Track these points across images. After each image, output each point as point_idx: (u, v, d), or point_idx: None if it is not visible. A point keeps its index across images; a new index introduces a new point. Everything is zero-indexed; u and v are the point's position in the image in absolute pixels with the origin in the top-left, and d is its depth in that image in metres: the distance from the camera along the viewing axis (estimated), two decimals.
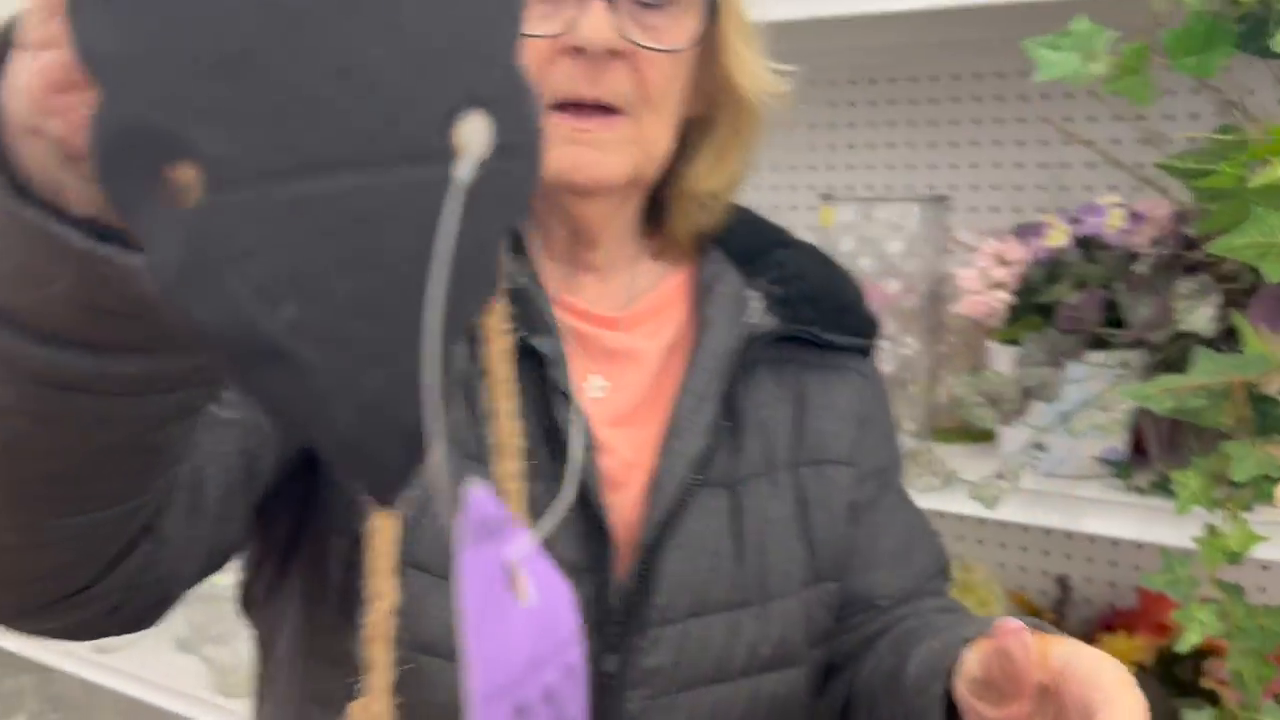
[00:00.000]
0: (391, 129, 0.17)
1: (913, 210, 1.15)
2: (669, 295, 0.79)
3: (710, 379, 0.74)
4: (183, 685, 1.80)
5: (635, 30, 0.67)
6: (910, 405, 1.17)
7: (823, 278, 0.80)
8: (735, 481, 0.74)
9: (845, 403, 0.79)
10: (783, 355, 0.77)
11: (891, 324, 1.17)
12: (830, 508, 0.77)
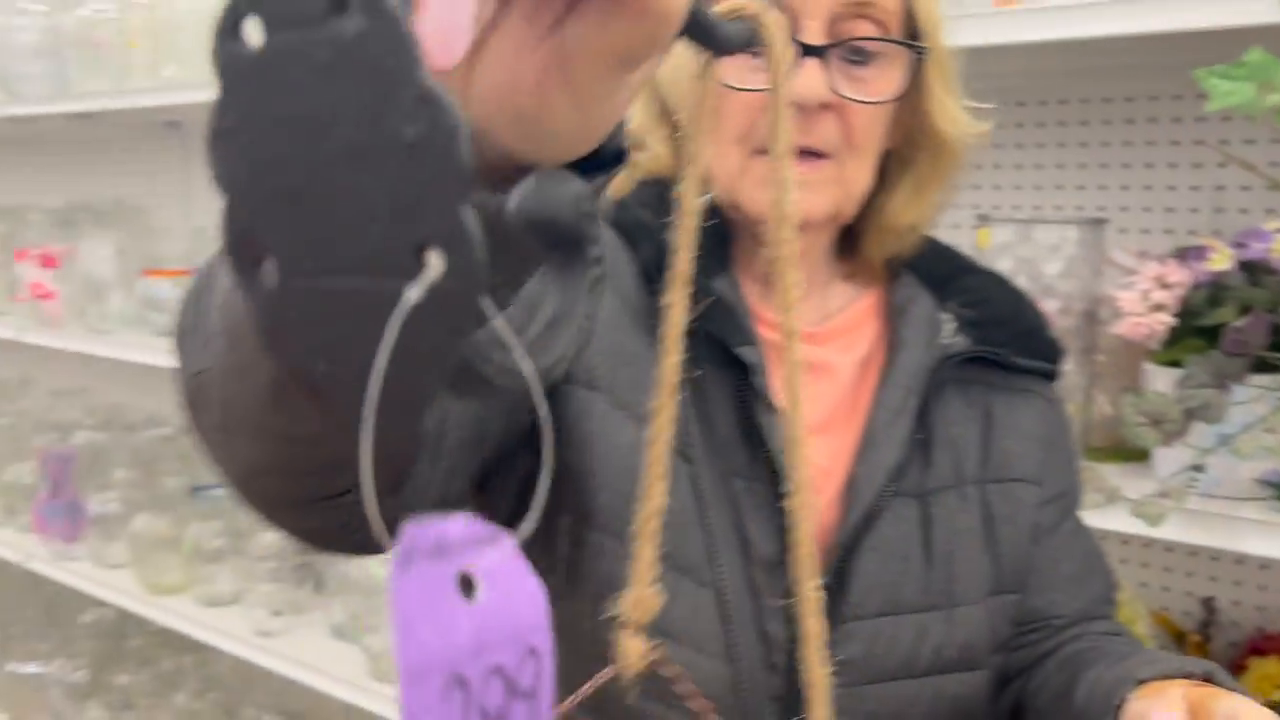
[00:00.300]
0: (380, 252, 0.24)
1: (1071, 232, 1.18)
2: (861, 314, 0.84)
3: (905, 395, 0.79)
4: (338, 671, 1.91)
5: (844, 84, 0.72)
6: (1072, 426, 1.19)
7: (1009, 303, 0.85)
8: (925, 493, 0.78)
9: (1030, 424, 0.83)
10: (970, 376, 0.81)
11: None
12: (1016, 523, 0.80)
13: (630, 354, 0.75)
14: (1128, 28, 1.09)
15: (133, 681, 2.56)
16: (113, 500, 2.39)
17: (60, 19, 2.32)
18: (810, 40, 0.71)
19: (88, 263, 2.35)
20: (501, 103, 0.32)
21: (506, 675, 0.27)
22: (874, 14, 0.73)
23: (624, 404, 0.74)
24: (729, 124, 0.73)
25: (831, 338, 0.82)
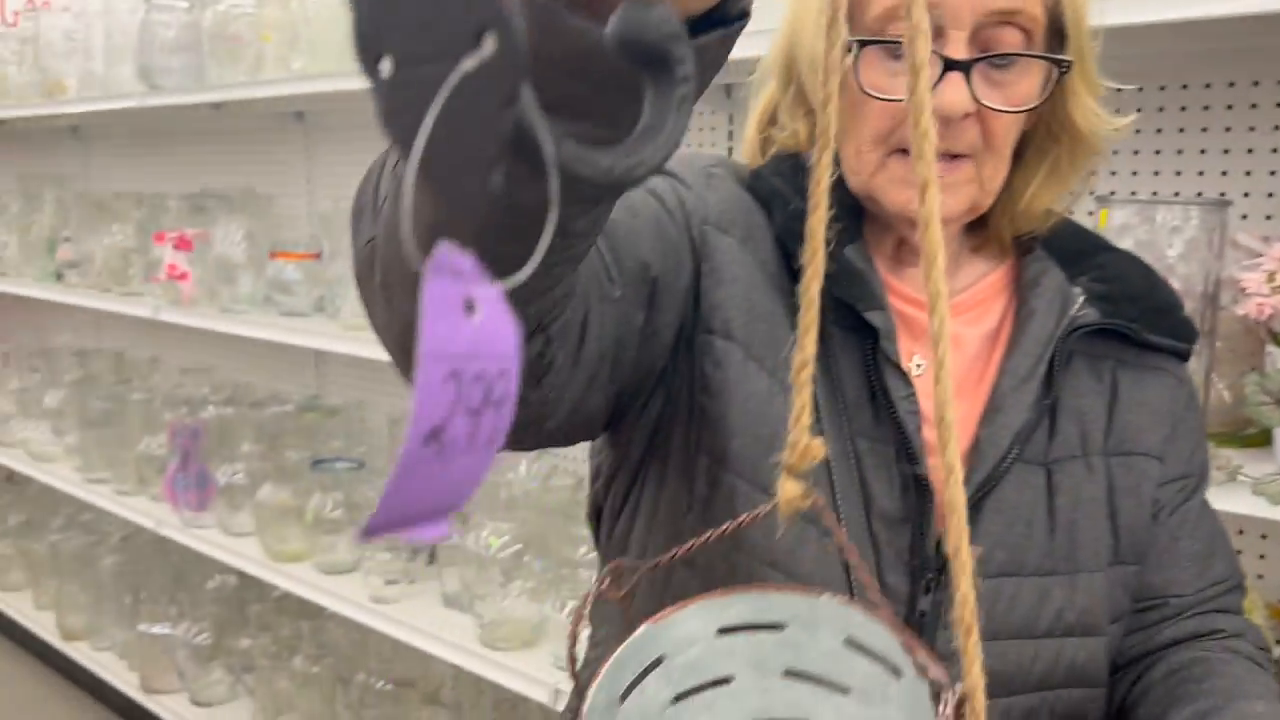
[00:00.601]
0: (452, 39, 0.29)
1: (1193, 213, 1.17)
2: (989, 288, 0.86)
3: (1033, 362, 0.81)
4: (450, 637, 1.99)
5: (986, 92, 0.74)
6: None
7: (1143, 281, 0.86)
8: (1050, 461, 0.80)
9: (1157, 400, 0.84)
10: (1100, 350, 0.83)
11: None
12: (1138, 496, 0.82)
13: (765, 312, 0.79)
14: (1251, 7, 1.09)
15: (253, 645, 2.69)
16: (239, 472, 2.52)
17: (200, 14, 2.45)
18: (954, 54, 0.73)
19: (220, 246, 2.48)
20: None
21: (486, 382, 0.32)
22: (1020, 21, 0.73)
23: (757, 357, 0.78)
24: (868, 126, 0.76)
25: (960, 311, 0.84)
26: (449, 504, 0.33)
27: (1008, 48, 0.74)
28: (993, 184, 0.78)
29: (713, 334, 0.78)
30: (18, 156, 4.12)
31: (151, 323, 3.15)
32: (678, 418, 0.80)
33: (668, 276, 0.75)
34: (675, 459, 0.80)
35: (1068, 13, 0.75)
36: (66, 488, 3.03)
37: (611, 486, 0.87)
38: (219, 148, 3.19)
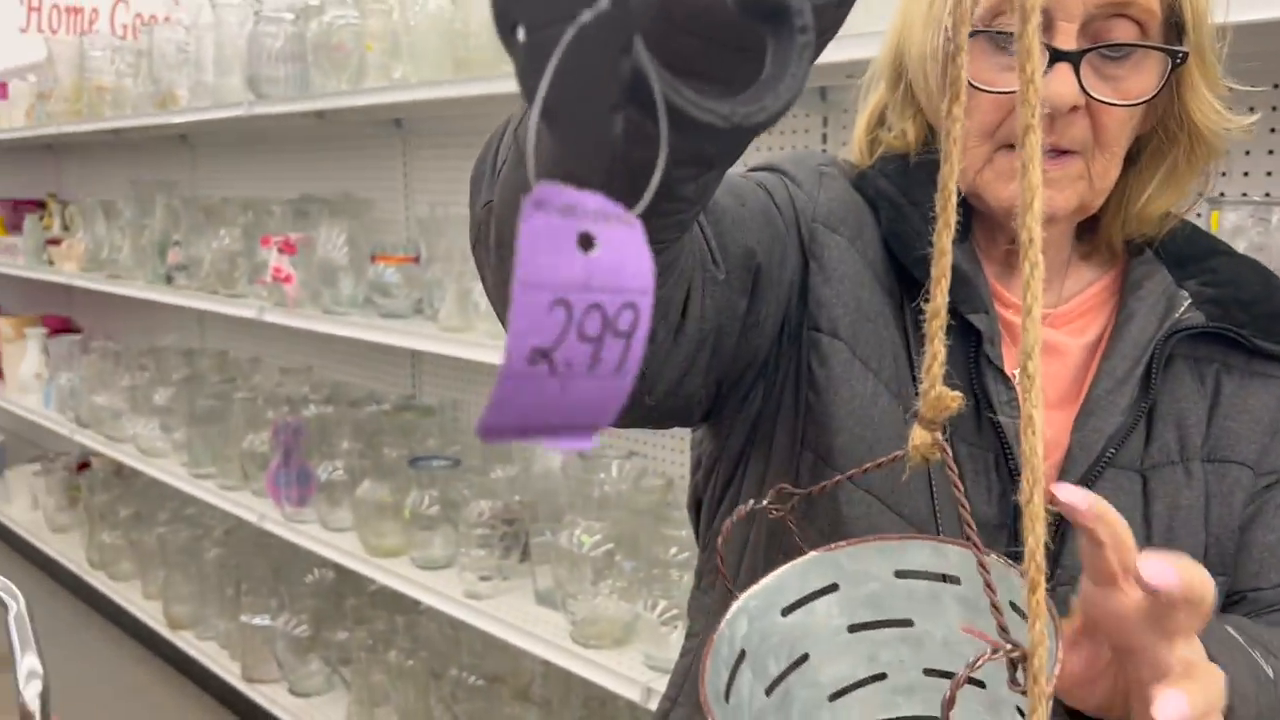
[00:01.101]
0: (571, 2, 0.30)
1: None
2: (1097, 296, 0.84)
3: (1130, 366, 0.79)
4: (541, 633, 2.03)
5: (1097, 84, 0.73)
6: None
7: (1260, 286, 0.82)
8: (1146, 468, 0.78)
9: (1261, 408, 0.81)
10: (1205, 354, 0.81)
11: None
12: (1231, 505, 0.79)
13: (873, 311, 0.79)
14: None
15: (350, 638, 2.77)
16: (338, 469, 2.59)
17: (305, 25, 2.53)
18: (1063, 45, 0.72)
19: (323, 250, 2.56)
20: None
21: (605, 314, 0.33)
22: (1133, 13, 0.72)
23: (863, 357, 0.78)
24: (974, 119, 0.75)
25: (1065, 321, 0.83)
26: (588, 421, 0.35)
27: (1120, 38, 0.73)
28: (1103, 182, 0.77)
29: (820, 331, 0.79)
30: (129, 163, 4.30)
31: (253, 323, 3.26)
32: (782, 411, 0.81)
33: (772, 267, 0.76)
34: (778, 453, 0.81)
35: (1186, 5, 0.74)
36: (174, 482, 3.15)
37: (712, 477, 0.88)
38: (320, 154, 3.29)
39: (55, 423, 3.87)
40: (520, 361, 0.33)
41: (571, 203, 0.32)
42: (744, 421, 0.83)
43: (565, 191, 0.32)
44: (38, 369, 4.12)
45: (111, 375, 3.66)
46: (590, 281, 0.33)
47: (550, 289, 0.32)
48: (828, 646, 0.57)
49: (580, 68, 0.31)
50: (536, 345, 0.32)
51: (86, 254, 3.70)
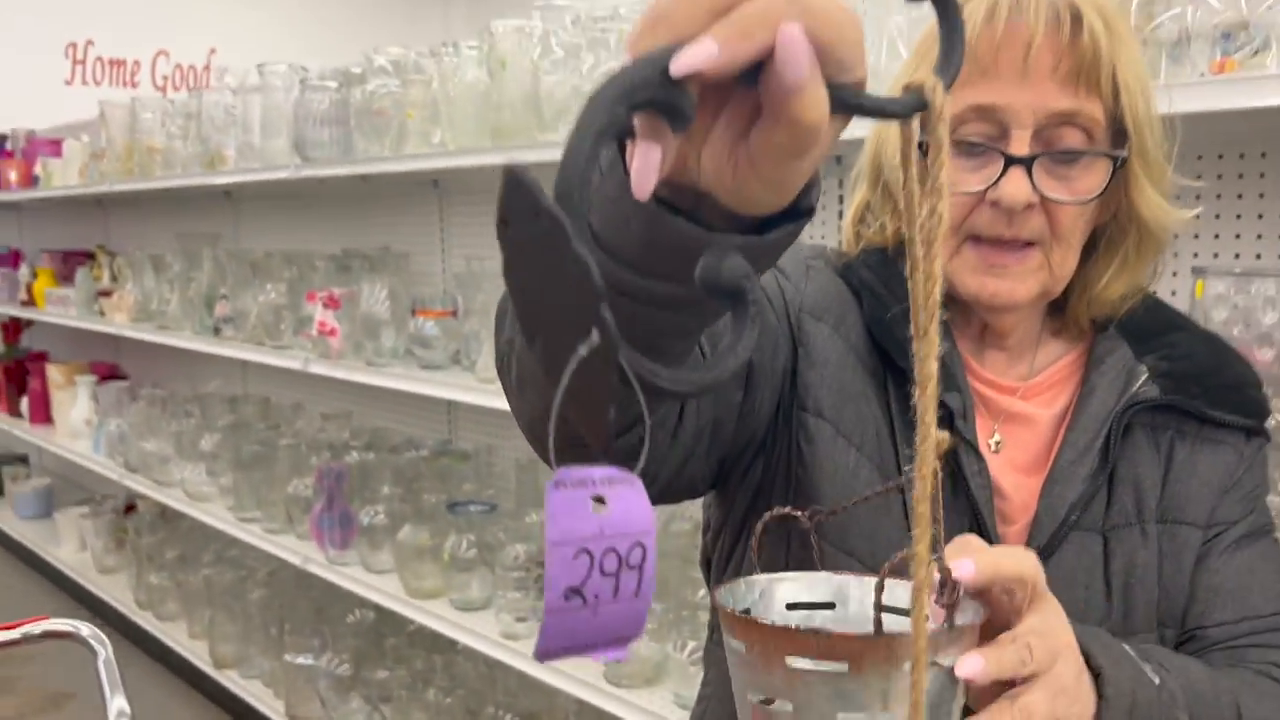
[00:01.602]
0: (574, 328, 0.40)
1: None
2: (1065, 369, 0.93)
3: (1091, 437, 0.87)
4: (575, 672, 2.12)
5: (1049, 185, 0.82)
6: None
7: (1212, 360, 0.91)
8: (1107, 529, 0.86)
9: (1209, 472, 0.88)
10: (1161, 422, 0.89)
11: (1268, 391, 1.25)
12: (1181, 563, 0.87)
13: (855, 392, 0.88)
14: None
15: (390, 677, 2.87)
16: (379, 513, 2.71)
17: (349, 92, 2.68)
18: (1016, 151, 0.81)
19: (366, 304, 2.69)
20: (719, 184, 0.48)
21: (619, 554, 0.42)
22: (1080, 121, 0.81)
23: (846, 434, 0.88)
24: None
25: (1036, 393, 0.92)
26: (619, 636, 0.46)
27: (1069, 144, 0.82)
28: (1063, 270, 0.85)
29: (806, 411, 0.88)
30: (175, 216, 4.48)
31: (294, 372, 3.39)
32: (776, 483, 0.90)
33: (764, 360, 0.86)
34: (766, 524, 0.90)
35: (1128, 113, 0.82)
36: (221, 525, 3.28)
37: (719, 540, 0.98)
38: (360, 210, 3.44)
39: (104, 467, 4.02)
40: (558, 600, 0.42)
41: (583, 477, 0.42)
42: (746, 491, 0.92)
43: (577, 470, 0.42)
44: (88, 415, 4.28)
45: (159, 421, 3.81)
46: (604, 531, 0.42)
47: (574, 544, 0.42)
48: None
49: (582, 381, 0.41)
50: (569, 585, 0.42)
51: (136, 305, 3.86)
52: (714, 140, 0.47)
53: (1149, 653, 0.78)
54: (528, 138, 2.17)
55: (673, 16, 0.44)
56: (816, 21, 0.43)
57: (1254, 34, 1.33)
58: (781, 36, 0.42)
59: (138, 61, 7.53)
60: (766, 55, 0.43)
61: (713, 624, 1.03)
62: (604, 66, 2.00)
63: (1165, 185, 0.87)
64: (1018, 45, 0.81)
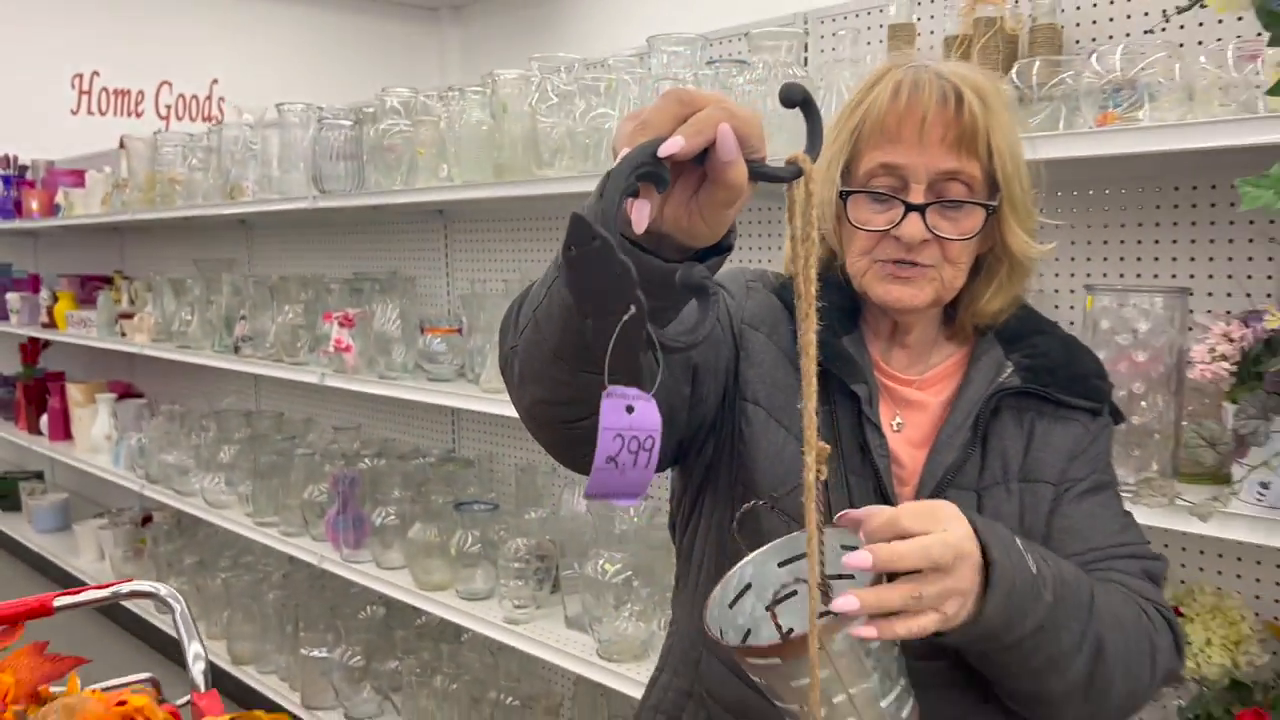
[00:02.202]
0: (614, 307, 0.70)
1: (1157, 299, 1.50)
2: (952, 366, 1.18)
3: (964, 417, 1.12)
4: (572, 650, 2.36)
5: (939, 225, 1.07)
6: (1156, 450, 1.50)
7: (1065, 356, 1.16)
8: (980, 488, 1.11)
9: (1061, 442, 1.13)
10: (1024, 405, 1.14)
11: (1142, 386, 1.51)
12: (1038, 513, 1.12)
13: (784, 385, 1.14)
14: (1197, 143, 1.42)
15: (399, 666, 3.10)
16: (390, 514, 2.95)
17: (363, 130, 2.95)
18: (914, 200, 1.06)
19: (379, 323, 2.94)
20: (677, 227, 0.76)
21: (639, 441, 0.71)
22: (961, 177, 1.07)
23: (778, 418, 1.13)
24: (857, 245, 1.11)
25: (928, 385, 1.17)
26: (635, 492, 0.73)
27: (954, 196, 1.07)
28: (952, 284, 1.11)
29: (745, 400, 1.14)
30: (190, 243, 4.73)
31: (307, 387, 3.62)
32: (724, 458, 1.15)
33: (709, 360, 1.11)
34: (722, 487, 1.15)
35: (999, 171, 1.08)
36: (240, 530, 3.52)
37: (681, 504, 1.24)
38: (369, 236, 3.70)
39: (125, 479, 4.26)
40: (602, 463, 0.71)
41: (622, 393, 0.72)
42: (700, 465, 1.18)
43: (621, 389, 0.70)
44: (108, 430, 4.51)
45: (178, 435, 4.05)
46: (631, 426, 0.72)
47: (613, 430, 0.71)
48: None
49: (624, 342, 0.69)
50: (608, 455, 0.70)
51: (156, 326, 4.11)
52: (675, 198, 0.76)
53: (1033, 547, 1.01)
54: (526, 173, 2.44)
55: (652, 122, 0.73)
56: (739, 122, 0.72)
57: (1137, 91, 1.60)
58: (719, 132, 0.71)
59: (142, 92, 7.81)
60: (710, 144, 0.72)
61: (678, 575, 1.28)
62: (595, 111, 2.27)
63: (1031, 225, 1.13)
64: (915, 119, 1.06)
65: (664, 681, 1.25)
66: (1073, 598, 1.01)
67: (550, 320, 0.89)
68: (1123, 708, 1.07)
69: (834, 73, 1.95)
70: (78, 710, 0.82)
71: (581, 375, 0.91)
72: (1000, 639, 0.96)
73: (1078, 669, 1.01)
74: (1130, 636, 1.05)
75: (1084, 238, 1.88)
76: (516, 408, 1.02)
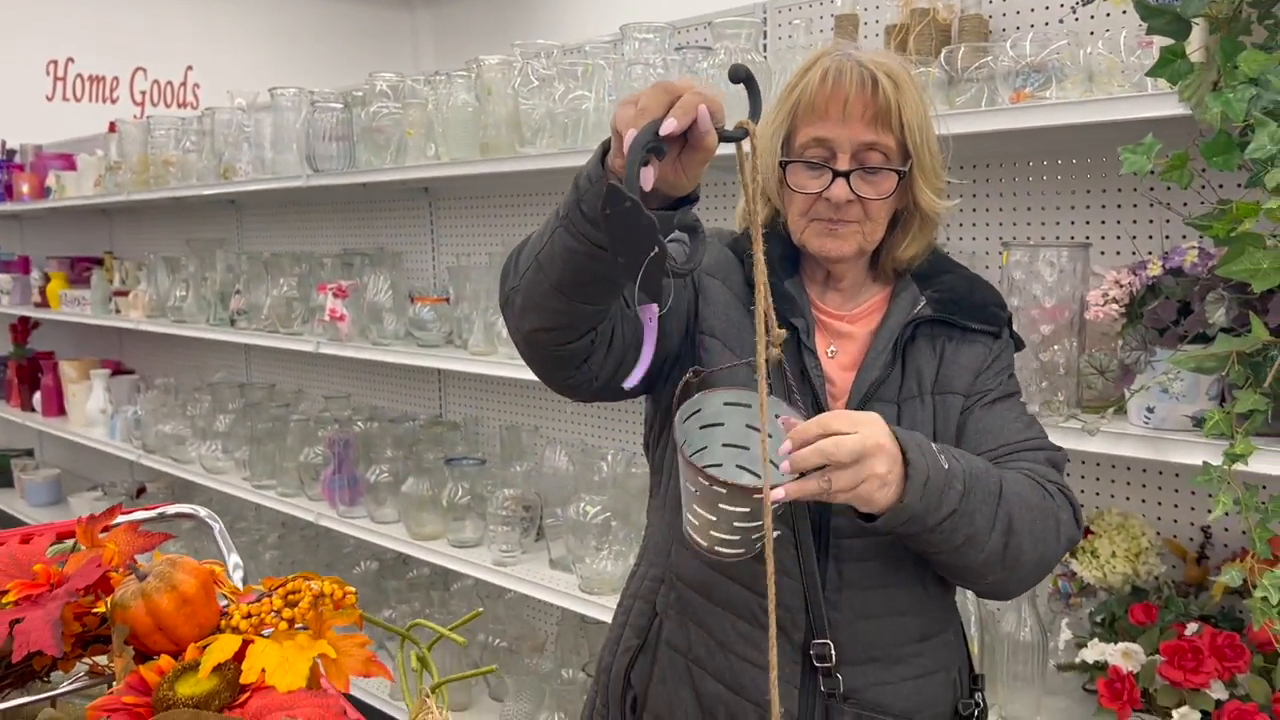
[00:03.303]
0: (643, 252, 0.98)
1: (1063, 253, 1.74)
2: (877, 303, 1.41)
3: (887, 342, 1.35)
4: (557, 586, 2.59)
5: (861, 187, 1.30)
6: (1061, 383, 1.74)
7: (968, 290, 1.39)
8: (900, 400, 1.34)
9: (968, 360, 1.37)
10: (936, 332, 1.37)
11: (1049, 328, 1.75)
12: (949, 419, 1.35)
13: (735, 321, 1.37)
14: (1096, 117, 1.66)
15: (393, 616, 3.32)
16: (384, 472, 3.16)
17: (353, 112, 3.14)
18: (841, 166, 1.29)
19: (371, 294, 3.15)
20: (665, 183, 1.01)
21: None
22: (879, 147, 1.30)
23: (730, 347, 1.36)
24: (796, 206, 1.34)
25: (857, 319, 1.40)
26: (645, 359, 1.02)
27: (873, 163, 1.30)
28: (873, 237, 1.34)
29: (703, 334, 1.37)
30: (179, 224, 4.91)
31: (297, 357, 3.81)
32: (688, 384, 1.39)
33: (674, 304, 1.33)
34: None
35: (909, 141, 1.30)
36: (238, 493, 3.72)
37: (653, 426, 1.47)
38: (356, 214, 3.90)
39: (122, 450, 4.44)
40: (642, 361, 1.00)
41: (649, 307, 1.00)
42: (667, 391, 1.39)
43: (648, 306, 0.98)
44: (102, 405, 4.69)
45: (172, 407, 4.23)
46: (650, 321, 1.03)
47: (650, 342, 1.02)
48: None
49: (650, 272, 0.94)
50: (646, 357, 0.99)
51: (151, 303, 4.29)
52: (667, 164, 1.01)
53: (946, 449, 1.25)
54: (510, 151, 2.65)
55: (648, 108, 0.99)
56: (710, 103, 1.00)
57: (1046, 73, 1.84)
58: (699, 112, 0.99)
59: (117, 78, 7.92)
60: (692, 120, 0.97)
61: (651, 487, 1.51)
62: (573, 93, 2.49)
63: (938, 185, 1.35)
64: (840, 100, 1.29)
65: (641, 573, 1.49)
66: (982, 487, 1.24)
67: (552, 262, 1.14)
68: (1035, 570, 1.31)
69: (789, 58, 2.17)
70: (177, 563, 1.04)
71: (576, 305, 1.16)
72: (924, 522, 1.20)
73: (993, 543, 1.24)
74: (1036, 513, 1.28)
75: (1000, 204, 2.13)
76: (514, 336, 1.26)
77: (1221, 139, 1.42)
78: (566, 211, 1.11)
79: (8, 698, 1.02)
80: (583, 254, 1.10)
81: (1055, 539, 1.31)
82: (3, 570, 1.10)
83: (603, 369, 1.27)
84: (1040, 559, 1.30)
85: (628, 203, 0.92)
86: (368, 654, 0.99)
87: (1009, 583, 1.31)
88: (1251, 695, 1.64)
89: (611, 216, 0.94)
